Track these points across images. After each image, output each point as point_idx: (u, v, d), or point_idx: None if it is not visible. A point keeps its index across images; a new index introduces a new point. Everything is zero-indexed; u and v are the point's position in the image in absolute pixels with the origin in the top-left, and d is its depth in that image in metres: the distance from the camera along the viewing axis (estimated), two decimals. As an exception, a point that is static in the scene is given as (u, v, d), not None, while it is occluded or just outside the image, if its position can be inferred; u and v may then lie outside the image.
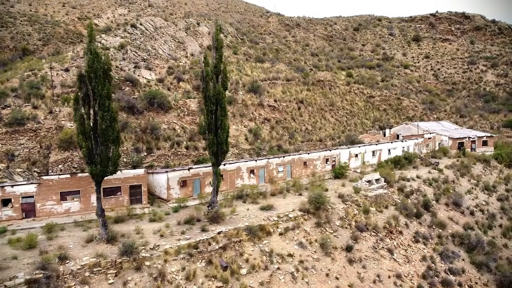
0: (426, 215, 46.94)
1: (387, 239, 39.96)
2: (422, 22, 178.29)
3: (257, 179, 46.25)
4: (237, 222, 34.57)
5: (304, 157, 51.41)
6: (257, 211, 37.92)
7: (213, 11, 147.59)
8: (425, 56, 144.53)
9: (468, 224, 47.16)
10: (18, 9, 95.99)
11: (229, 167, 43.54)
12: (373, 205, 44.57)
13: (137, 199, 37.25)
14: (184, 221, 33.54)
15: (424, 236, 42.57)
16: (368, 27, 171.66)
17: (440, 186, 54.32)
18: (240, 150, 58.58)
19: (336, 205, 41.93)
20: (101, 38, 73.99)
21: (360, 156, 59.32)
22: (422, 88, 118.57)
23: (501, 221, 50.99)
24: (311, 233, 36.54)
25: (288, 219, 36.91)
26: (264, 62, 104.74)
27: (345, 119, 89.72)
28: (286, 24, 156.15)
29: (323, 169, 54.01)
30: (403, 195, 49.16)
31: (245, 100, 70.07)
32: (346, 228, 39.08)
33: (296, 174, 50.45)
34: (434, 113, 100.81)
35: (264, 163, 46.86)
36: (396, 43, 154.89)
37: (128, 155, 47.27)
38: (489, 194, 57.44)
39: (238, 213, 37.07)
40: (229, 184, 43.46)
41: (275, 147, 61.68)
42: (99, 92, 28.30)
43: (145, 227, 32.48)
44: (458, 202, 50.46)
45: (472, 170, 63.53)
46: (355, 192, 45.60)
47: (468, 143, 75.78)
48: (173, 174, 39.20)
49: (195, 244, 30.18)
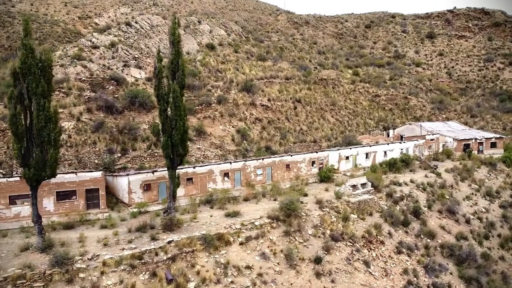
0: (414, 223, 43.39)
1: (364, 249, 36.76)
2: (438, 19, 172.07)
3: (233, 183, 43.67)
4: (194, 230, 32.10)
5: (287, 159, 48.53)
6: (221, 218, 35.37)
7: (219, 9, 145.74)
8: (438, 54, 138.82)
9: (462, 234, 43.33)
10: (19, 9, 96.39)
11: (199, 170, 41.14)
12: (355, 212, 41.37)
13: (95, 203, 35.24)
14: (136, 228, 31.32)
15: (409, 246, 39.12)
16: (380, 24, 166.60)
17: (435, 192, 50.54)
18: (225, 152, 56.15)
19: (312, 211, 38.96)
20: (92, 37, 72.81)
21: (351, 159, 55.96)
22: (433, 87, 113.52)
23: (500, 231, 46.90)
24: (277, 243, 33.75)
25: (253, 227, 34.22)
26: (266, 60, 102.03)
27: (346, 119, 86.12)
28: (294, 22, 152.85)
29: (309, 172, 50.97)
30: (391, 201, 45.71)
31: (236, 99, 67.57)
32: (319, 237, 36.09)
33: (278, 177, 47.63)
34: (443, 113, 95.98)
35: (240, 165, 44.24)
36: (409, 41, 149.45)
37: (99, 157, 45.48)
38: (491, 200, 53.24)
39: (199, 220, 34.62)
40: (199, 188, 41.04)
41: (263, 148, 58.96)
42: (33, 90, 26.31)
43: (91, 235, 30.40)
44: (452, 209, 46.64)
45: (474, 174, 59.28)
46: (337, 197, 42.49)
47: (474, 145, 71.19)
48: (135, 177, 37.05)
49: (139, 254, 27.87)
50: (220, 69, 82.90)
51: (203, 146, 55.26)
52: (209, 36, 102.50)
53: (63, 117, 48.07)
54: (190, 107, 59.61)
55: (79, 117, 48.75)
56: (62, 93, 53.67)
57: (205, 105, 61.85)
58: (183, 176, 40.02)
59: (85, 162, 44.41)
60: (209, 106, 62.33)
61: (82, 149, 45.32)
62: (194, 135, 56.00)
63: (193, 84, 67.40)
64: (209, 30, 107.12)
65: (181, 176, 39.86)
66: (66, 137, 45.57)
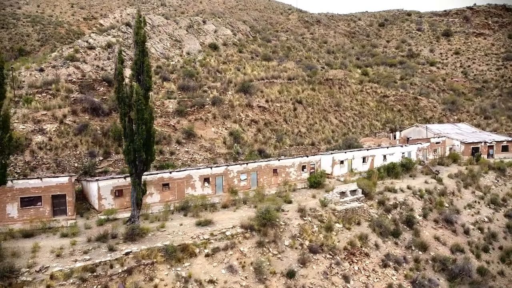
0: (406, 234, 40.62)
1: (345, 262, 34.33)
2: (456, 16, 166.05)
3: (214, 189, 41.81)
4: (158, 240, 30.40)
5: (274, 164, 46.33)
6: (191, 227, 33.55)
7: (229, 9, 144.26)
8: (454, 52, 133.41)
9: (458, 246, 40.28)
10: (25, 10, 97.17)
11: (176, 175, 39.43)
12: (341, 221, 38.91)
13: (61, 210, 33.95)
14: (96, 237, 29.81)
15: (397, 259, 36.44)
16: (395, 22, 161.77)
17: (434, 199, 47.44)
18: (214, 155, 54.39)
19: (292, 220, 36.75)
20: (89, 38, 72.27)
21: (346, 163, 53.28)
22: (446, 87, 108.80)
23: (502, 243, 43.50)
24: (248, 255, 31.70)
25: (223, 237, 32.29)
26: (272, 60, 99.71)
27: (351, 121, 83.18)
28: (305, 21, 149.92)
29: (299, 177, 48.63)
30: (383, 210, 42.97)
31: (232, 100, 65.72)
32: (296, 248, 33.87)
33: (264, 183, 45.50)
34: (454, 114, 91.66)
35: (222, 170, 42.31)
36: (424, 39, 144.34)
37: (80, 160, 44.38)
38: (495, 209, 49.72)
39: (166, 228, 32.90)
40: (177, 194, 39.32)
41: (255, 151, 56.92)
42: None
43: (48, 244, 29.05)
44: (450, 218, 43.53)
45: (480, 180, 55.68)
46: (322, 205, 40.10)
47: (484, 148, 67.25)
48: (105, 183, 35.62)
49: (92, 266, 26.35)
50: (221, 70, 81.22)
51: (191, 149, 53.65)
52: (213, 36, 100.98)
53: (46, 120, 47.28)
54: (181, 109, 58.26)
55: (62, 120, 47.81)
56: (50, 95, 52.97)
57: (198, 106, 60.22)
58: (158, 182, 38.48)
59: (64, 166, 43.37)
60: (202, 107, 60.68)
61: (62, 152, 44.31)
62: (183, 138, 54.50)
63: (187, 85, 65.91)
64: (214, 30, 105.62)
65: (156, 182, 38.50)
66: (47, 140, 44.64)
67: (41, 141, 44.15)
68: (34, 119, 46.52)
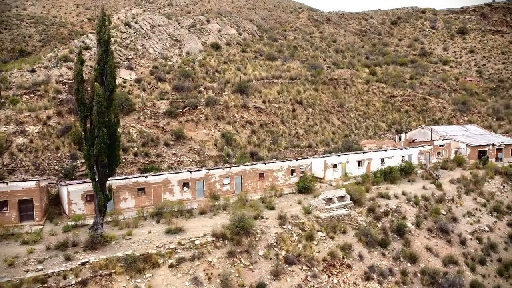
0: (396, 244, 38.18)
1: (324, 275, 32.21)
2: (473, 13, 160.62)
3: (194, 194, 40.22)
4: (121, 249, 28.94)
5: (260, 167, 44.43)
6: (159, 235, 32.00)
7: (237, 8, 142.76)
8: (469, 51, 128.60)
9: (451, 257, 37.57)
10: (30, 11, 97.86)
11: (153, 180, 38.00)
12: (324, 229, 36.79)
13: (29, 215, 32.96)
14: (55, 245, 28.56)
15: (382, 271, 34.10)
16: (408, 20, 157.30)
17: (430, 206, 44.73)
18: (204, 158, 52.84)
19: (270, 229, 34.84)
20: (86, 38, 71.76)
21: (340, 167, 50.96)
22: (458, 87, 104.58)
23: (502, 254, 40.56)
24: (217, 266, 29.93)
25: (192, 247, 30.62)
26: (276, 60, 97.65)
27: (355, 122, 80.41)
28: (315, 20, 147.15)
29: (287, 181, 46.62)
30: (373, 217, 40.59)
31: (227, 101, 64.06)
32: (271, 259, 31.94)
33: (249, 187, 43.68)
34: (465, 115, 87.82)
35: (203, 174, 40.69)
36: (437, 37, 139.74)
37: (60, 163, 43.43)
38: (498, 217, 46.67)
39: (133, 236, 31.43)
40: (153, 199, 37.91)
41: (247, 154, 55.13)
42: None
43: (3, 252, 27.93)
44: (445, 227, 40.82)
45: (485, 185, 52.55)
46: (305, 212, 38.06)
47: (492, 151, 63.75)
48: (75, 187, 34.46)
49: (44, 277, 25.06)
50: (220, 70, 79.66)
51: (180, 151, 52.23)
52: (216, 36, 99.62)
53: (29, 121, 46.58)
54: (172, 110, 56.94)
55: (46, 121, 47.02)
56: (37, 96, 52.38)
57: (190, 107, 58.78)
58: (133, 186, 37.15)
59: (43, 169, 42.49)
60: (194, 108, 59.20)
61: (42, 155, 43.44)
62: (172, 140, 53.14)
63: (182, 85, 64.58)
64: (218, 29, 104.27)
65: (131, 186, 37.20)
66: (27, 142, 43.87)
67: (21, 143, 43.39)
68: (17, 120, 45.85)
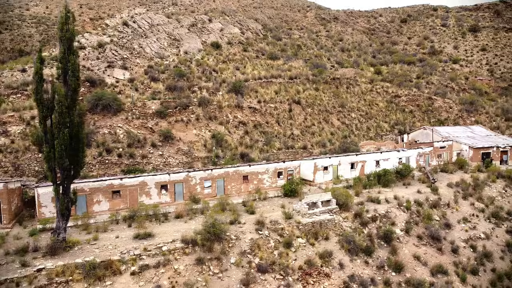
0: (382, 251, 36.20)
1: (298, 284, 30.51)
2: (487, 10, 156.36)
3: (172, 196, 38.94)
4: (83, 255, 27.80)
5: (244, 170, 42.87)
6: (127, 240, 30.79)
7: (243, 7, 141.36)
8: (481, 49, 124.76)
9: (441, 266, 35.41)
10: (32, 12, 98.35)
11: (128, 182, 36.84)
12: (305, 236, 35.09)
13: (-4, 218, 32.20)
14: (15, 251, 27.61)
15: (363, 281, 32.19)
16: (418, 18, 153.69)
17: (423, 212, 42.53)
18: (192, 159, 51.61)
19: (246, 234, 33.31)
20: (82, 37, 71.36)
21: (331, 169, 49.07)
22: (467, 86, 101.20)
23: (497, 264, 38.17)
24: (183, 273, 28.53)
25: (158, 253, 29.30)
26: (278, 59, 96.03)
27: (356, 122, 78.18)
28: (322, 18, 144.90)
29: (274, 184, 44.96)
30: (359, 223, 38.67)
31: (220, 101, 62.74)
32: (243, 267, 30.38)
33: (232, 190, 42.19)
34: (472, 116, 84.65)
35: (183, 177, 39.36)
36: (448, 35, 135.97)
37: (40, 164, 42.70)
38: (497, 223, 44.16)
39: (99, 241, 30.29)
40: (129, 202, 36.75)
41: (238, 155, 53.68)
42: None
43: (-40, 257, 27.14)
44: (436, 234, 38.62)
45: (485, 189, 50.02)
46: (286, 217, 36.41)
47: (496, 154, 60.88)
48: (45, 190, 33.51)
49: (-6, 284, 24.14)
50: (218, 69, 78.40)
51: (167, 152, 51.10)
52: (218, 35, 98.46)
53: (12, 121, 46.07)
54: (162, 110, 55.89)
55: (29, 121, 46.44)
56: (25, 95, 51.94)
57: (181, 107, 57.63)
58: (107, 189, 36.04)
59: (23, 169, 41.84)
60: (185, 108, 58.04)
61: (23, 156, 42.81)
62: (159, 141, 52.07)
63: (175, 85, 63.51)
64: (220, 28, 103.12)
65: (105, 189, 36.10)
66: (9, 142, 43.31)
67: (2, 144, 42.85)
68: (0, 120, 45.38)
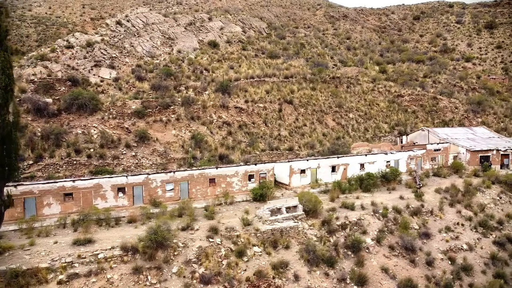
0: (347, 262, 33.58)
1: (243, 297, 28.38)
2: (507, 6, 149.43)
3: (131, 200, 37.38)
4: (11, 262, 26.44)
5: (210, 172, 40.90)
6: (64, 246, 29.25)
7: (249, 5, 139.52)
8: (496, 46, 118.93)
9: (410, 280, 32.46)
10: (34, 12, 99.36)
11: (81, 184, 35.47)
12: (262, 244, 32.86)
13: None
14: None
15: (318, 296, 29.80)
16: (432, 15, 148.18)
17: (401, 220, 39.51)
18: (167, 160, 50.03)
19: (195, 242, 31.35)
20: (72, 37, 71.01)
21: (309, 172, 46.55)
22: (478, 85, 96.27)
23: (477, 278, 34.91)
24: (117, 283, 26.80)
25: (93, 261, 27.68)
26: (278, 58, 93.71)
27: (353, 123, 75.12)
28: (331, 16, 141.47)
29: (244, 188, 42.81)
30: (326, 231, 36.11)
31: (205, 101, 61.01)
32: (185, 277, 28.44)
33: (197, 194, 40.32)
34: (478, 116, 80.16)
35: (142, 179, 37.75)
36: (462, 32, 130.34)
37: (4, 164, 41.83)
38: (484, 233, 40.74)
39: (35, 247, 28.87)
40: (82, 205, 35.38)
41: (216, 157, 51.80)
42: None
43: None
44: (410, 244, 35.66)
45: (477, 196, 46.48)
46: (244, 224, 34.26)
47: (496, 157, 56.88)
48: (-10, 192, 32.50)
49: None
50: (211, 68, 76.70)
51: (142, 153, 49.68)
52: (217, 33, 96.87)
53: (-19, 121, 45.41)
54: (141, 110, 54.57)
55: (-2, 121, 45.73)
56: None
57: (161, 107, 56.17)
58: (58, 191, 34.75)
59: (-14, 170, 41.01)
60: (166, 108, 56.56)
61: (-13, 156, 42.02)
62: (134, 141, 50.72)
63: (159, 84, 62.15)
64: (221, 27, 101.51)
65: (56, 191, 34.81)
66: (-26, 142, 42.66)
67: (-33, 144, 42.18)
68: (-32, 120, 44.82)
